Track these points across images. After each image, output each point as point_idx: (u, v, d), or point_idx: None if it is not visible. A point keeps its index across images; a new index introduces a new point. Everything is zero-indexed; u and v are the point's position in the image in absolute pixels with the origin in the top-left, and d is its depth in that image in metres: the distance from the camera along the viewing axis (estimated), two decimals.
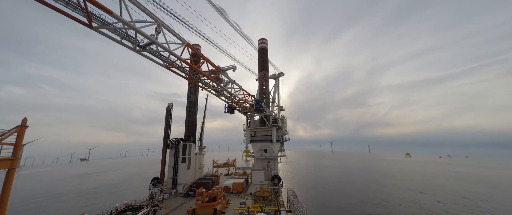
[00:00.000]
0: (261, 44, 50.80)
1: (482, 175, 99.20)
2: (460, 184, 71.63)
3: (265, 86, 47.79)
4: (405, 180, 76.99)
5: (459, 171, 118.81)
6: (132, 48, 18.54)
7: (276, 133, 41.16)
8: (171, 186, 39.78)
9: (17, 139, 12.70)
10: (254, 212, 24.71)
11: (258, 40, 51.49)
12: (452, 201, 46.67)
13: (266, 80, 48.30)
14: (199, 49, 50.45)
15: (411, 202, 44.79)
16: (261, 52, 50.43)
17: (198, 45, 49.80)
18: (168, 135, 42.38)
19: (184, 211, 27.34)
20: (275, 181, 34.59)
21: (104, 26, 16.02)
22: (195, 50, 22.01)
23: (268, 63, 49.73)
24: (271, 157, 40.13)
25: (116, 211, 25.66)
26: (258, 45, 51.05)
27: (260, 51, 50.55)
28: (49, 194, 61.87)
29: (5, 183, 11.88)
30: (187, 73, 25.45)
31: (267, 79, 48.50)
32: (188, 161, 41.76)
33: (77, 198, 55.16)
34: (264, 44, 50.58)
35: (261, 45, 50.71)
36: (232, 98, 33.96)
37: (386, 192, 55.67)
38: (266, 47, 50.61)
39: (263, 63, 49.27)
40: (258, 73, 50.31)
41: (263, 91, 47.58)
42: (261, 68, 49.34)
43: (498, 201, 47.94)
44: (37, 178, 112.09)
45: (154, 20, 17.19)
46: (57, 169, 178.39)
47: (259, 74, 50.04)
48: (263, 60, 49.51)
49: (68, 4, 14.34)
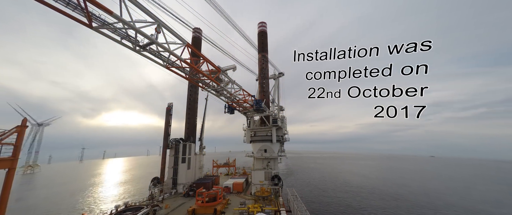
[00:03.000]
0: (260, 27, 50.67)
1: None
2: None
3: (264, 67, 47.88)
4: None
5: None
6: (132, 48, 18.55)
7: (276, 133, 41.20)
8: (171, 186, 39.80)
9: (17, 139, 12.73)
10: (254, 212, 24.70)
11: (258, 24, 51.50)
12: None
13: (266, 61, 48.50)
14: (200, 34, 50.32)
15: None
16: (260, 35, 50.32)
17: (198, 29, 49.70)
18: (168, 135, 42.41)
19: (184, 211, 27.33)
20: (275, 181, 34.61)
21: (104, 26, 16.02)
22: (195, 50, 22.01)
23: (267, 46, 49.96)
24: (271, 157, 40.15)
25: (116, 211, 25.67)
26: (258, 28, 50.97)
27: (260, 34, 50.44)
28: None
29: (5, 183, 11.90)
30: (187, 73, 25.45)
31: (266, 61, 48.67)
32: (188, 161, 41.78)
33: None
34: (264, 27, 50.60)
35: (261, 28, 50.59)
36: (232, 99, 33.97)
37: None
38: (265, 30, 50.73)
39: (263, 45, 49.23)
40: (258, 55, 50.12)
41: (263, 71, 47.68)
42: (261, 50, 49.25)
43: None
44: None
45: (154, 20, 17.19)
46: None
47: (258, 56, 49.91)
48: (262, 43, 49.48)
49: (68, 4, 14.33)
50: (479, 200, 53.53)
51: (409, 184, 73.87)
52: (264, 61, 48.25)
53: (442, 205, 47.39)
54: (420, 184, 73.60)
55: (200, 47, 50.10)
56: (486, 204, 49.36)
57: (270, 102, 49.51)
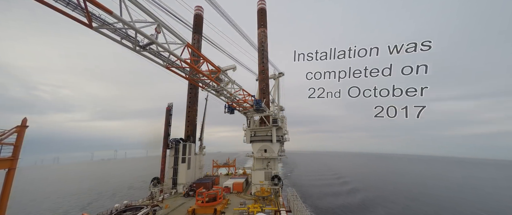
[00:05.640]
0: (260, 5, 50.51)
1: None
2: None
3: (264, 43, 47.93)
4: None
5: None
6: (132, 48, 18.54)
7: (276, 133, 41.16)
8: (171, 186, 39.77)
9: (17, 139, 12.73)
10: (254, 212, 24.69)
11: (258, 1, 51.32)
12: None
13: (265, 36, 48.51)
14: (202, 12, 50.56)
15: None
16: (260, 12, 50.14)
17: (200, 7, 49.61)
18: (168, 135, 42.39)
19: (184, 211, 27.32)
20: (275, 181, 34.58)
21: (104, 26, 16.01)
22: (195, 50, 22.01)
23: (266, 22, 49.82)
24: (271, 157, 40.11)
25: (116, 211, 25.64)
26: (258, 5, 50.85)
27: (259, 12, 50.25)
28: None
29: (5, 183, 11.90)
30: (187, 73, 25.45)
31: (265, 35, 48.66)
32: (188, 161, 41.76)
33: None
34: (263, 4, 50.49)
35: (260, 5, 50.45)
36: (232, 98, 33.96)
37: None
38: (264, 7, 50.61)
39: (262, 22, 49.05)
40: (257, 30, 49.79)
41: (262, 46, 47.68)
42: (260, 26, 49.02)
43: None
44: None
45: (154, 20, 17.19)
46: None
47: (258, 31, 49.68)
48: (262, 20, 49.31)
49: (68, 4, 14.32)
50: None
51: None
52: (264, 37, 48.30)
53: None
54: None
55: (201, 27, 50.06)
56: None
57: (270, 102, 49.47)
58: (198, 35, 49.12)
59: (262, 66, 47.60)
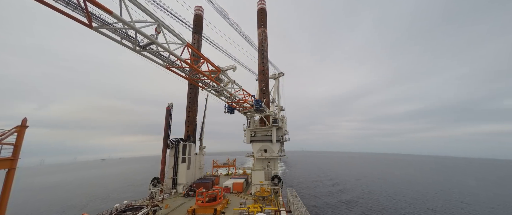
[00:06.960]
0: (260, 5, 50.98)
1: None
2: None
3: (264, 43, 48.51)
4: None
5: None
6: (132, 48, 18.53)
7: (276, 133, 41.13)
8: (171, 186, 39.76)
9: (17, 139, 12.72)
10: (254, 212, 24.69)
11: (258, 2, 51.93)
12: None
13: (265, 36, 49.22)
14: (201, 13, 50.81)
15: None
16: (260, 12, 50.72)
17: (200, 7, 49.73)
18: (168, 135, 42.37)
19: (184, 211, 27.31)
20: (275, 181, 34.57)
21: (104, 26, 15.99)
22: (195, 50, 21.99)
23: (266, 22, 50.56)
24: (271, 157, 40.08)
25: (116, 211, 25.64)
26: (258, 6, 51.45)
27: (259, 12, 50.82)
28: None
29: (5, 183, 11.90)
30: (187, 73, 25.44)
31: (265, 35, 49.34)
32: (188, 161, 41.74)
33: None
34: (263, 5, 51.02)
35: (260, 5, 50.92)
36: (232, 98, 33.95)
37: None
38: (264, 7, 51.17)
39: (262, 22, 49.72)
40: (257, 30, 50.34)
41: (262, 45, 48.11)
42: (260, 26, 49.61)
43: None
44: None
45: (154, 20, 17.17)
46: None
47: (258, 31, 50.25)
48: (262, 20, 49.96)
49: (68, 4, 14.31)
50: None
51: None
52: (264, 37, 48.93)
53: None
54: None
55: (201, 27, 50.58)
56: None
57: (270, 102, 49.48)
58: (198, 35, 49.16)
59: (262, 66, 47.70)
